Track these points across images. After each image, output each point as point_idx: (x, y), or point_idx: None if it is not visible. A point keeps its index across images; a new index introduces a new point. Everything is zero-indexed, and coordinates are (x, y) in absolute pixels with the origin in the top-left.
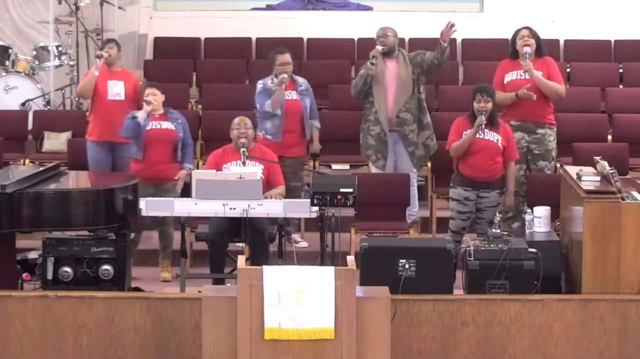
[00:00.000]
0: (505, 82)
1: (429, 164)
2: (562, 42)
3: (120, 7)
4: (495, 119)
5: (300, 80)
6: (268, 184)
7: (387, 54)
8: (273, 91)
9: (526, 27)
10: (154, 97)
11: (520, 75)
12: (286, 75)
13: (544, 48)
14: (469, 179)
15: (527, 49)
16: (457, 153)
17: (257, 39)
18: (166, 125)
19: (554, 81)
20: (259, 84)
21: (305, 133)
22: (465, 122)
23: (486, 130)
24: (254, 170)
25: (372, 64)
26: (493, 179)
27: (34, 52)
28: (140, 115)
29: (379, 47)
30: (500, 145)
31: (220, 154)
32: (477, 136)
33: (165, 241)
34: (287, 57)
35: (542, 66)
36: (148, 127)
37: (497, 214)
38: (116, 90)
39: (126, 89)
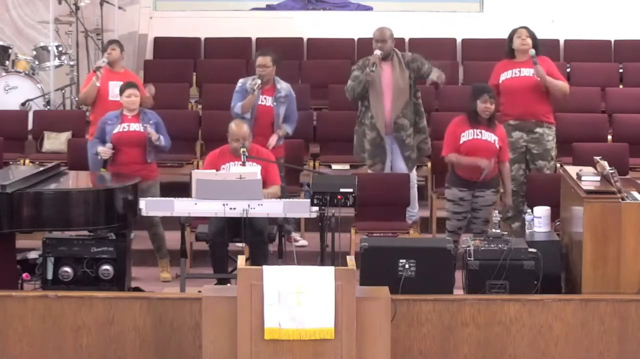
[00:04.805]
0: (500, 82)
1: (429, 165)
2: (562, 42)
3: (120, 7)
4: (494, 120)
5: (283, 86)
6: (264, 184)
7: (383, 57)
8: (249, 93)
9: (524, 27)
10: (135, 98)
11: (515, 74)
12: (259, 82)
13: (540, 48)
14: (465, 180)
15: (532, 52)
16: (453, 165)
17: (257, 39)
18: (134, 127)
19: (557, 79)
20: (239, 83)
21: None
22: (463, 122)
23: (483, 131)
24: (254, 170)
25: (372, 71)
26: (488, 178)
27: (34, 52)
28: (102, 151)
29: (377, 53)
30: (497, 145)
31: (218, 154)
32: (476, 136)
33: (157, 241)
34: (266, 59)
35: (541, 65)
36: (115, 130)
37: (496, 213)
38: (117, 91)
39: None
